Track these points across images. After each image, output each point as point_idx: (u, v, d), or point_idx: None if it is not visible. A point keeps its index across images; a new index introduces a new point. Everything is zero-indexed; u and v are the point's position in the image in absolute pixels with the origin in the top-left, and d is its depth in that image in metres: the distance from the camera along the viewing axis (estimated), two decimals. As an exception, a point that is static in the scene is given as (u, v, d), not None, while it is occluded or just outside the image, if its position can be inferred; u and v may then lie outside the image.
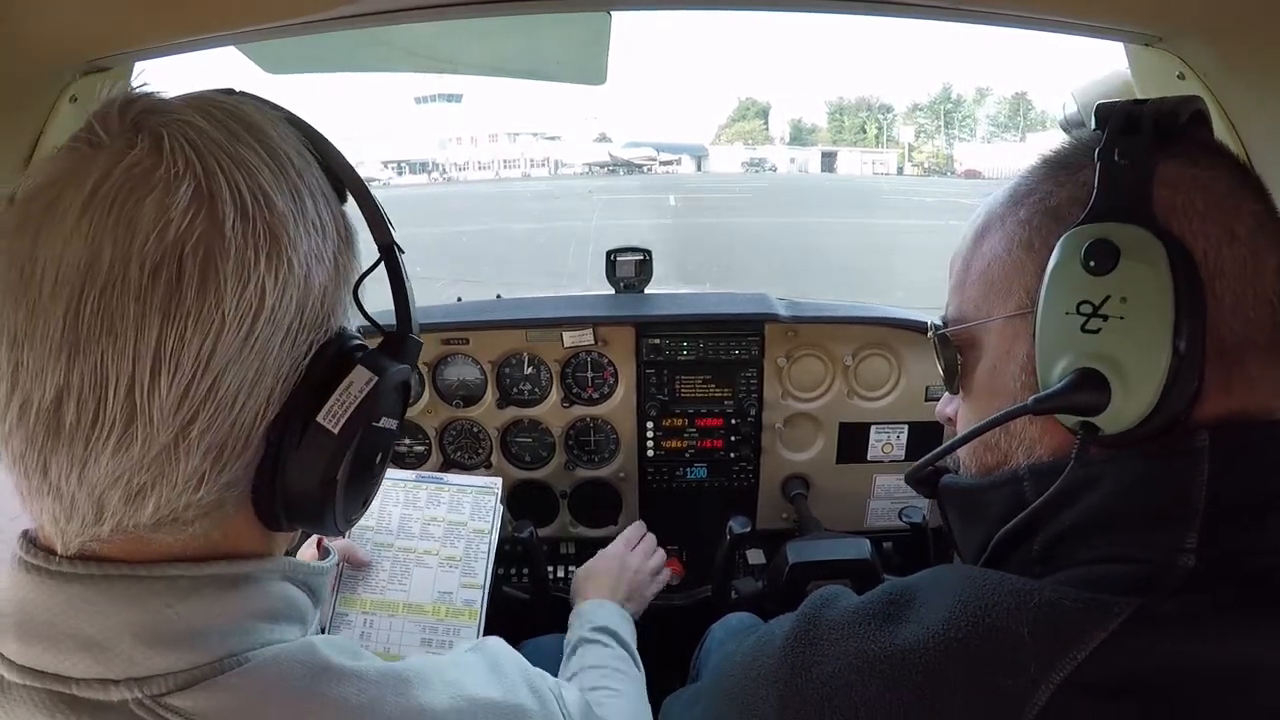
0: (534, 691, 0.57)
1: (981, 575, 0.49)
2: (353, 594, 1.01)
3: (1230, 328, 0.47)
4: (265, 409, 0.43)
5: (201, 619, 0.44)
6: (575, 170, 56.78)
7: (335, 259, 0.47)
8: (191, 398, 0.40)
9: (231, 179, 0.41)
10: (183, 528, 0.43)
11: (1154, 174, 0.49)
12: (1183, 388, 0.46)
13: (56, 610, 0.43)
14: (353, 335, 0.49)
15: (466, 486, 1.11)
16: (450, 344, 1.49)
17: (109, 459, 0.40)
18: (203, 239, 0.40)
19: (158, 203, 0.39)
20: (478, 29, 1.14)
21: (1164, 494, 0.47)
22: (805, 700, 0.51)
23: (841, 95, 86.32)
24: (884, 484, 1.57)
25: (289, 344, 0.43)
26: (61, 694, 0.42)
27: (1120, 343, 0.47)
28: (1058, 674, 0.43)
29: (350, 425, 0.45)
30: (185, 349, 0.39)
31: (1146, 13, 0.83)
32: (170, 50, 0.89)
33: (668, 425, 1.53)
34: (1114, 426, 0.48)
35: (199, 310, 0.39)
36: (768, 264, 12.60)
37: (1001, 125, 71.40)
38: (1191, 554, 0.45)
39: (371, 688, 0.47)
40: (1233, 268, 0.47)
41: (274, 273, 0.42)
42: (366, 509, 0.54)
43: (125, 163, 0.40)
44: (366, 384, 0.46)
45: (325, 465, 0.45)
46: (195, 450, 0.41)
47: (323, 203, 0.47)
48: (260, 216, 0.42)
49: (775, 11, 1.04)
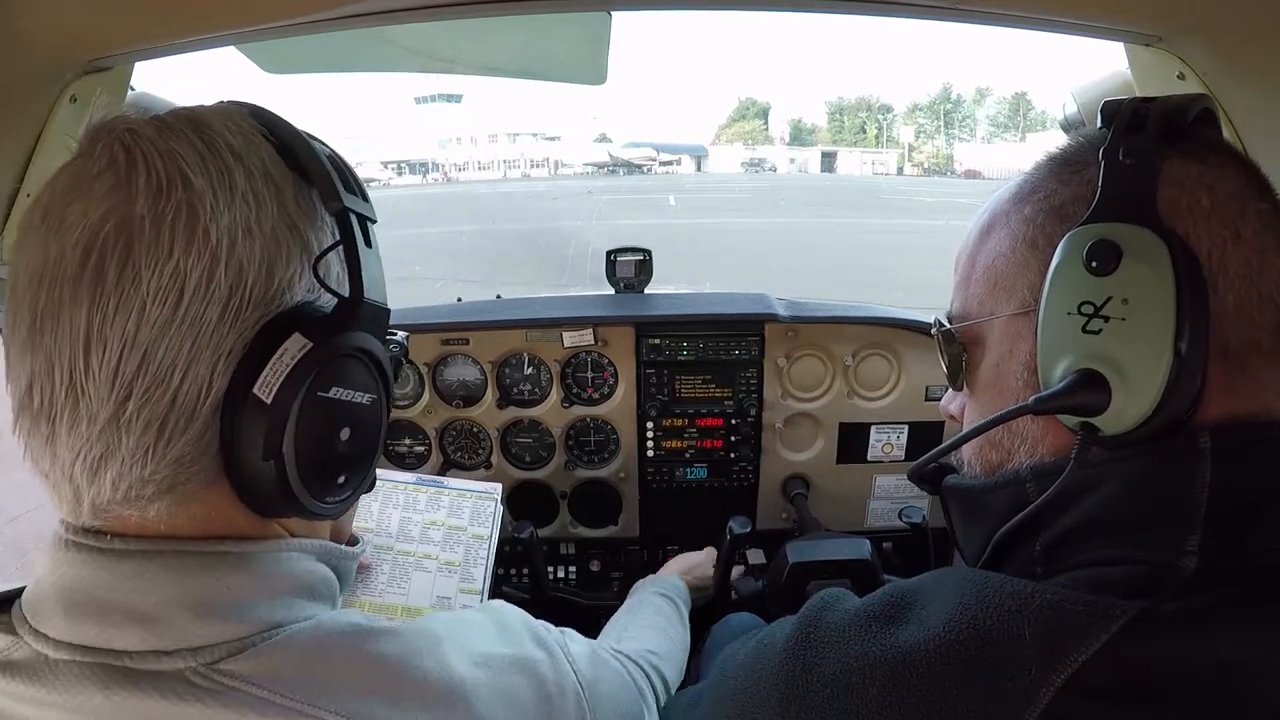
0: (540, 644, 0.60)
1: (983, 578, 0.49)
2: (351, 596, 1.01)
3: (1234, 329, 0.47)
4: (208, 385, 0.44)
5: (248, 592, 0.47)
6: (575, 170, 56.80)
7: (275, 232, 0.46)
8: (122, 374, 0.42)
9: (150, 165, 0.43)
10: (146, 504, 0.45)
11: (1159, 173, 0.48)
12: (1185, 390, 0.46)
13: (108, 586, 0.44)
14: (317, 310, 0.48)
15: (466, 491, 1.11)
16: (450, 344, 1.49)
17: (66, 437, 0.43)
18: (119, 225, 0.42)
19: (84, 198, 0.43)
20: (478, 29, 1.14)
21: (1166, 495, 0.47)
22: (806, 702, 0.51)
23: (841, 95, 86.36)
24: (884, 484, 1.57)
25: (230, 319, 0.44)
26: (115, 667, 0.44)
27: (1121, 344, 0.47)
28: (1059, 677, 0.43)
29: (283, 393, 0.44)
30: (109, 329, 0.42)
31: (1146, 13, 0.83)
32: (170, 50, 0.89)
33: (668, 425, 1.53)
34: (1114, 428, 0.48)
35: (118, 291, 0.42)
36: (767, 263, 12.61)
37: (1001, 125, 71.44)
38: (1193, 555, 0.45)
39: (406, 641, 0.50)
40: (1237, 268, 0.47)
41: (194, 247, 0.43)
42: (351, 490, 0.52)
43: (69, 170, 0.45)
44: (299, 350, 0.45)
45: (265, 437, 0.44)
46: (135, 425, 0.43)
47: (262, 180, 0.47)
48: (174, 194, 0.43)
49: (775, 11, 1.04)
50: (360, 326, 0.50)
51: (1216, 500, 0.45)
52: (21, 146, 0.89)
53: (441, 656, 0.51)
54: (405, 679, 0.48)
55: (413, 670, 0.48)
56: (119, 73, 0.92)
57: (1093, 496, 0.49)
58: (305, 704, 0.44)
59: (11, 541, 3.51)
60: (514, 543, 1.37)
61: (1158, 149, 0.48)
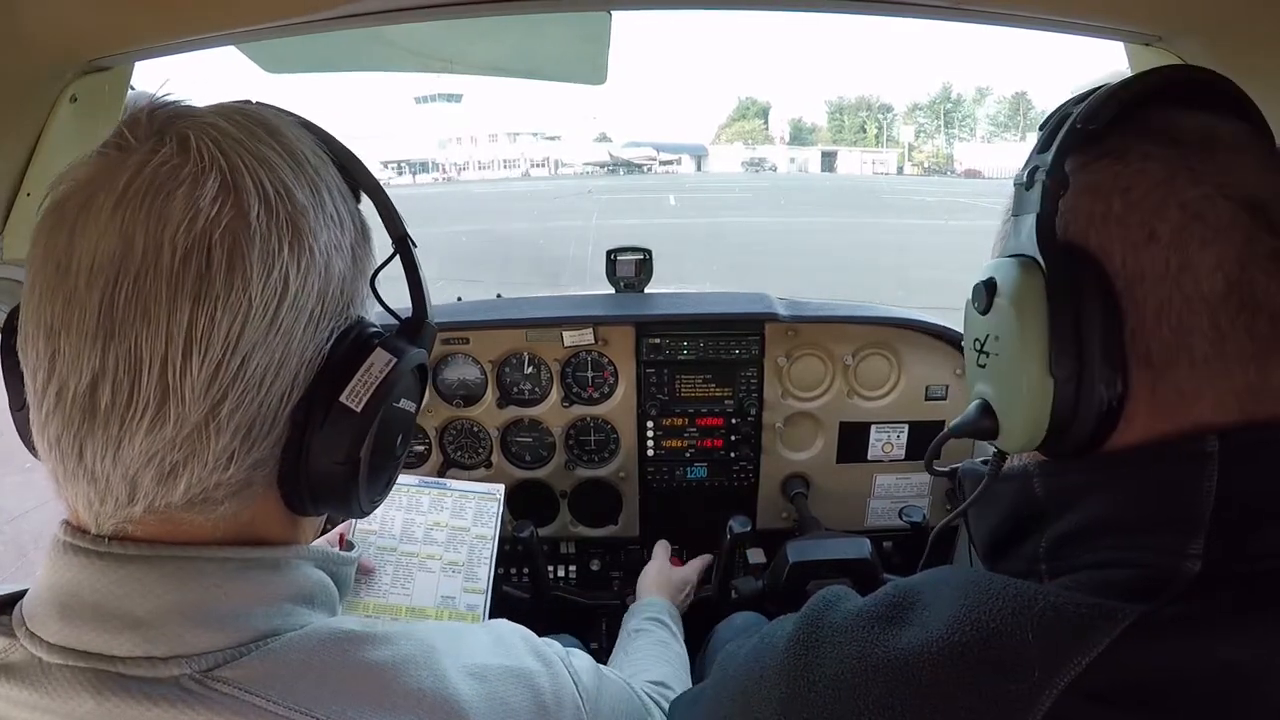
0: (539, 656, 0.60)
1: (986, 579, 0.49)
2: (356, 598, 1.01)
3: (1157, 336, 0.45)
4: (290, 391, 0.46)
5: (246, 600, 0.47)
6: (575, 170, 56.78)
7: (352, 251, 0.50)
8: (221, 378, 0.42)
9: (254, 174, 0.44)
10: (213, 507, 0.45)
11: (1076, 184, 0.47)
12: (1085, 410, 0.46)
13: (105, 591, 0.44)
14: (370, 324, 0.52)
15: (469, 492, 1.11)
16: (450, 344, 1.49)
17: (143, 439, 0.42)
18: (229, 228, 0.42)
19: (186, 195, 0.42)
20: (478, 29, 1.14)
21: (1170, 498, 0.46)
22: (807, 702, 0.51)
23: (841, 95, 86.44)
24: (884, 483, 1.57)
25: (312, 329, 0.46)
26: (108, 672, 0.43)
27: (995, 376, 0.51)
28: (1061, 679, 0.43)
29: (371, 404, 0.48)
30: (215, 330, 0.41)
31: (1146, 13, 0.83)
32: (170, 50, 0.89)
33: (668, 425, 1.53)
34: (1015, 450, 0.53)
35: (227, 294, 0.42)
36: (767, 263, 12.61)
37: (1001, 125, 71.42)
38: (1197, 559, 0.44)
39: (401, 649, 0.50)
40: (1153, 269, 0.44)
41: (296, 260, 0.45)
42: (389, 490, 0.56)
43: (155, 161, 0.43)
44: (386, 365, 0.49)
45: (349, 443, 0.47)
46: (225, 429, 0.43)
47: (339, 198, 0.50)
48: (283, 208, 0.45)
49: (775, 11, 1.04)
50: (424, 344, 0.55)
51: (1221, 504, 0.44)
52: (21, 146, 0.88)
53: (436, 666, 0.50)
54: (399, 687, 0.48)
55: (407, 679, 0.48)
56: (119, 73, 0.92)
57: (1097, 498, 0.49)
58: (298, 710, 0.44)
59: (12, 540, 3.51)
60: (514, 542, 1.37)
61: (1076, 160, 0.48)
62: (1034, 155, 0.50)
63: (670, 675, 0.95)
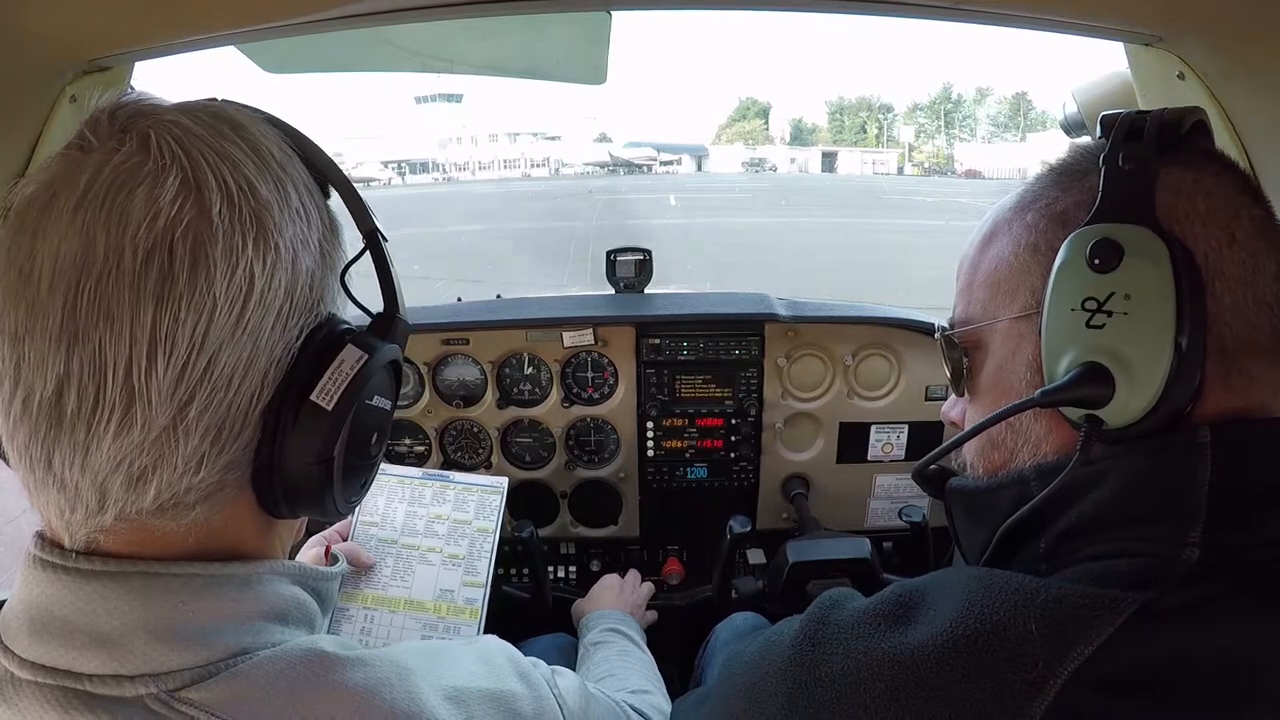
0: (523, 678, 0.58)
1: (989, 575, 0.50)
2: (355, 589, 1.01)
3: (1230, 328, 0.48)
4: (260, 390, 0.45)
5: (214, 617, 0.45)
6: (576, 170, 56.79)
7: (321, 246, 0.49)
8: (188, 378, 0.41)
9: (217, 170, 0.43)
10: (185, 512, 0.44)
11: (1157, 179, 0.50)
12: (1184, 383, 0.47)
13: (72, 607, 0.43)
14: (342, 320, 0.51)
15: (472, 485, 1.11)
16: (450, 344, 1.49)
17: (110, 443, 0.41)
18: (191, 225, 0.41)
19: (147, 194, 0.41)
20: (478, 29, 1.14)
21: (1168, 489, 0.48)
22: (814, 700, 0.52)
23: (841, 95, 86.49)
24: (884, 484, 1.57)
25: (280, 326, 0.45)
26: (75, 690, 0.43)
27: (1124, 337, 0.49)
28: (1066, 669, 0.44)
29: (343, 402, 0.47)
30: (180, 330, 0.40)
31: (1146, 13, 0.83)
32: (170, 50, 0.89)
33: (668, 425, 1.53)
34: (1118, 420, 0.49)
35: (191, 293, 0.41)
36: (767, 263, 12.61)
37: (1002, 125, 71.47)
38: (1196, 547, 0.45)
39: (375, 672, 0.48)
40: (1233, 270, 0.48)
41: (261, 257, 0.43)
42: (366, 491, 0.55)
43: (115, 161, 0.42)
44: (357, 361, 0.47)
45: (321, 442, 0.46)
46: (194, 431, 0.42)
47: (305, 194, 0.49)
48: (246, 204, 0.44)
49: (775, 11, 1.04)
50: (396, 340, 0.53)
51: (1217, 493, 0.46)
52: (21, 146, 0.88)
53: (411, 688, 0.49)
54: (373, 711, 0.46)
55: (379, 702, 0.47)
56: (119, 73, 0.92)
57: (1096, 492, 0.50)
58: None
59: (12, 540, 3.51)
60: (514, 542, 1.37)
61: (1155, 156, 0.50)
62: (1120, 142, 0.51)
63: (646, 681, 0.94)
